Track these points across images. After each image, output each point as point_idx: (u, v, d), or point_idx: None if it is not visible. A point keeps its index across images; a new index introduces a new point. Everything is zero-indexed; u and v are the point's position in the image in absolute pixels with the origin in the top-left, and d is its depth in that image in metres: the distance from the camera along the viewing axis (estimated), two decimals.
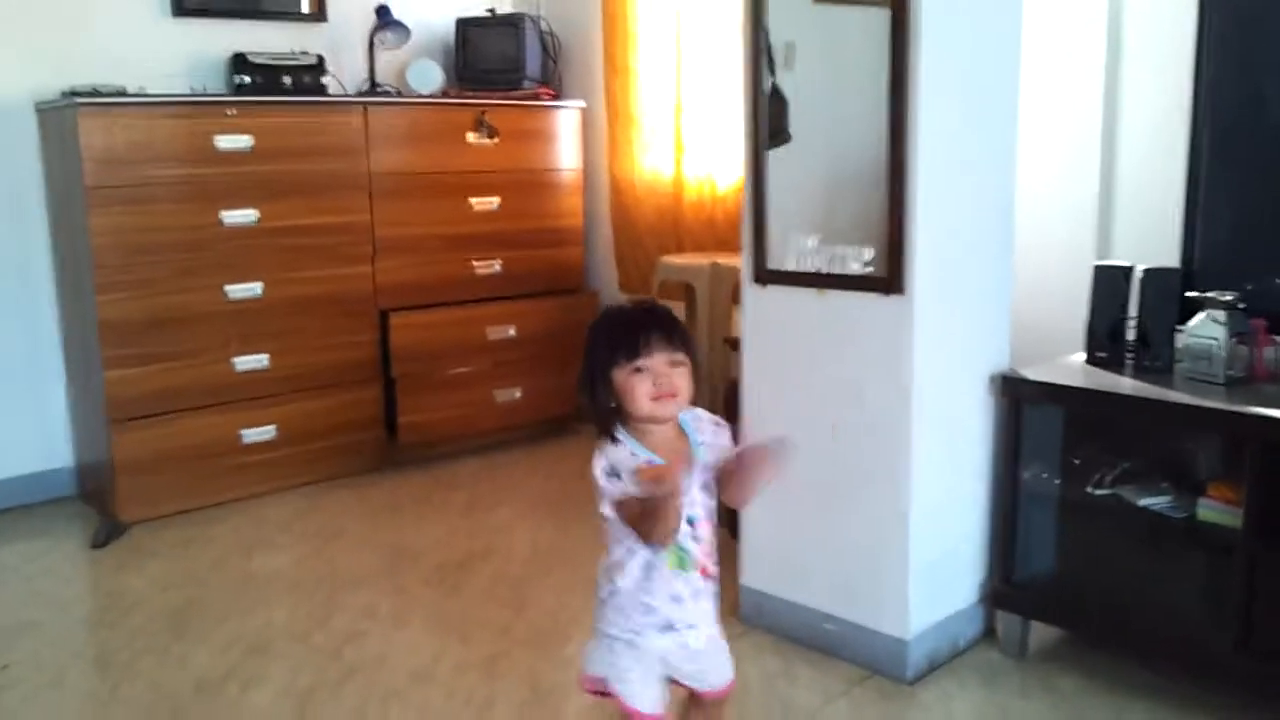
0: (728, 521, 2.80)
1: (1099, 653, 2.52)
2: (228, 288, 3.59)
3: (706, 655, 1.86)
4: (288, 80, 3.80)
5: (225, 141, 3.52)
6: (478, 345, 4.14)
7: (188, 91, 3.71)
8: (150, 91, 3.52)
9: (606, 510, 1.74)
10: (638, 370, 1.70)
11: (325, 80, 3.91)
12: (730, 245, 3.62)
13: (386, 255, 3.92)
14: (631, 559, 1.76)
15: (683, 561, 1.76)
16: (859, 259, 2.37)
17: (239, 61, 3.77)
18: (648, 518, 1.65)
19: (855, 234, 2.38)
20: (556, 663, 2.54)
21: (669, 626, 1.77)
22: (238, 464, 3.67)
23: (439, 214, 4.04)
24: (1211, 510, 2.23)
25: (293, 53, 3.88)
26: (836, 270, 2.41)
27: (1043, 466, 2.51)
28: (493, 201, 4.16)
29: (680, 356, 1.73)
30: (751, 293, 2.61)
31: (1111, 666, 2.46)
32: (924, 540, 2.41)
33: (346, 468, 3.94)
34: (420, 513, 3.61)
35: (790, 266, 2.51)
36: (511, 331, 4.21)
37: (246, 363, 3.66)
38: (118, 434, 3.42)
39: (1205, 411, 2.20)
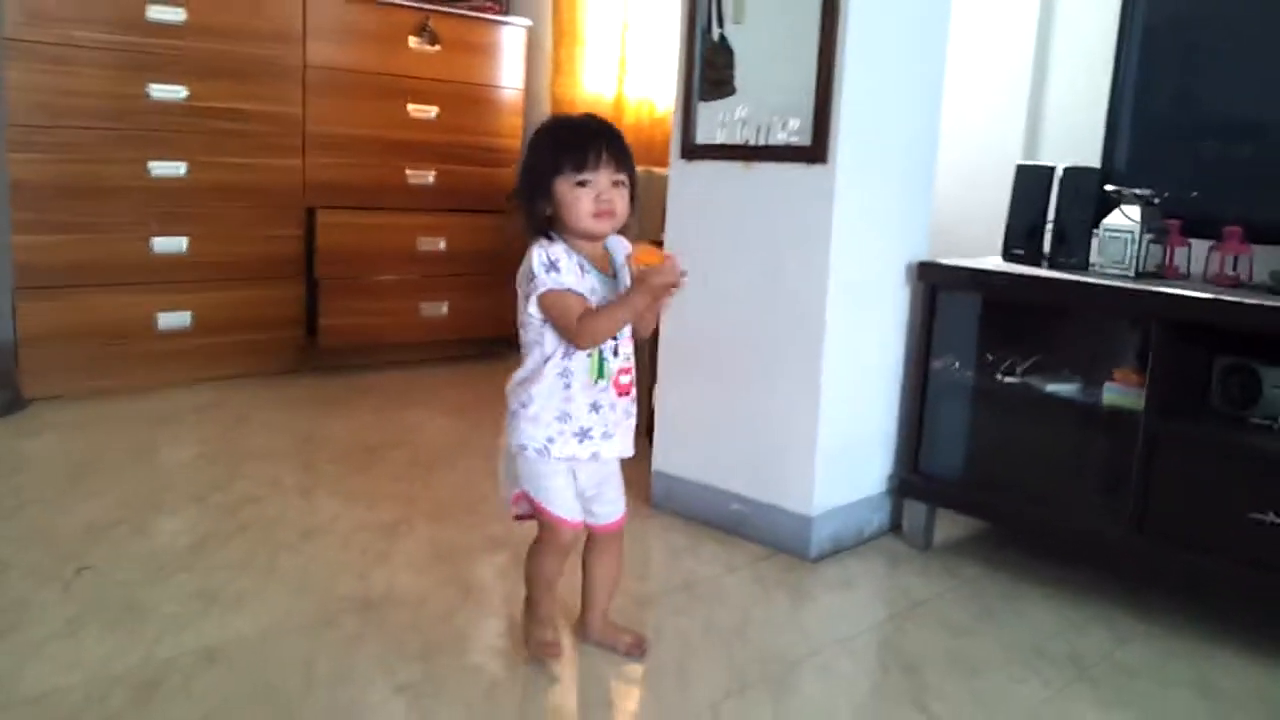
0: (645, 426, 2.80)
1: (1005, 548, 2.55)
2: (151, 164, 3.49)
3: (612, 477, 1.88)
4: None
5: (157, 12, 3.42)
6: (406, 254, 4.08)
7: None
8: None
9: (532, 308, 1.72)
10: (581, 184, 1.71)
11: None
12: (666, 163, 3.60)
13: (317, 151, 3.84)
14: (547, 365, 1.76)
15: (602, 371, 1.79)
16: (785, 128, 2.37)
17: None
18: (638, 302, 1.69)
19: (783, 98, 2.37)
20: (460, 528, 2.50)
21: (584, 434, 1.79)
22: (150, 350, 3.57)
23: (374, 116, 3.97)
24: (1117, 394, 2.26)
25: None
26: (763, 141, 2.41)
27: (955, 356, 2.53)
28: (430, 111, 4.11)
29: (622, 176, 1.74)
30: (678, 167, 2.60)
31: (1015, 559, 2.49)
32: (834, 422, 2.41)
33: (263, 365, 3.85)
34: (333, 410, 3.54)
35: (719, 139, 2.50)
36: (442, 245, 4.16)
37: (165, 244, 3.56)
38: (24, 304, 3.31)
39: (1112, 291, 2.23)
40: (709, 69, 2.51)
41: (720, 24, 2.48)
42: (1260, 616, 2.21)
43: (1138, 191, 2.37)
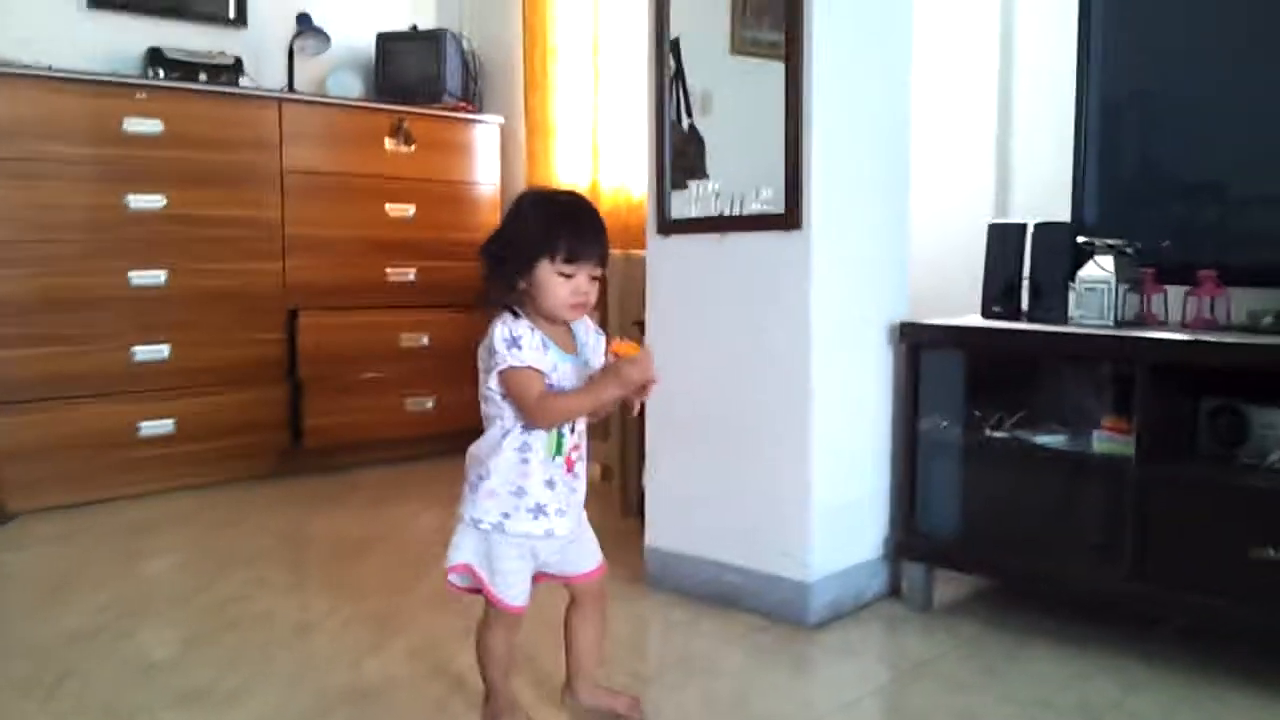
0: (636, 506, 2.78)
1: (1006, 605, 2.52)
2: (131, 273, 3.51)
3: (574, 545, 1.87)
4: (204, 78, 3.78)
5: (134, 125, 3.48)
6: (389, 352, 4.09)
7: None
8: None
9: (493, 383, 1.71)
10: (565, 274, 1.71)
11: (243, 82, 3.91)
12: (644, 246, 3.64)
13: (297, 253, 3.87)
14: (506, 440, 1.75)
15: (559, 447, 1.78)
16: (758, 198, 2.40)
17: (154, 56, 3.76)
18: (606, 394, 1.70)
19: (755, 178, 2.41)
20: (452, 616, 2.45)
21: (539, 510, 1.77)
22: (133, 457, 3.54)
23: (353, 217, 4.02)
24: (1106, 442, 2.26)
25: (210, 53, 3.88)
26: (737, 212, 2.44)
27: (942, 414, 2.53)
28: (408, 209, 4.16)
29: (600, 272, 1.75)
30: (655, 244, 2.63)
31: (1017, 615, 2.46)
32: (826, 487, 2.40)
33: (249, 469, 3.82)
34: (321, 508, 3.50)
35: (693, 214, 2.54)
36: (425, 340, 4.17)
37: (146, 352, 3.56)
38: (5, 418, 3.29)
39: (1094, 339, 2.25)
40: (680, 158, 2.57)
41: (689, 115, 2.54)
42: (1266, 655, 2.18)
43: (1111, 242, 2.40)
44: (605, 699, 1.93)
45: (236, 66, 3.90)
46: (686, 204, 2.55)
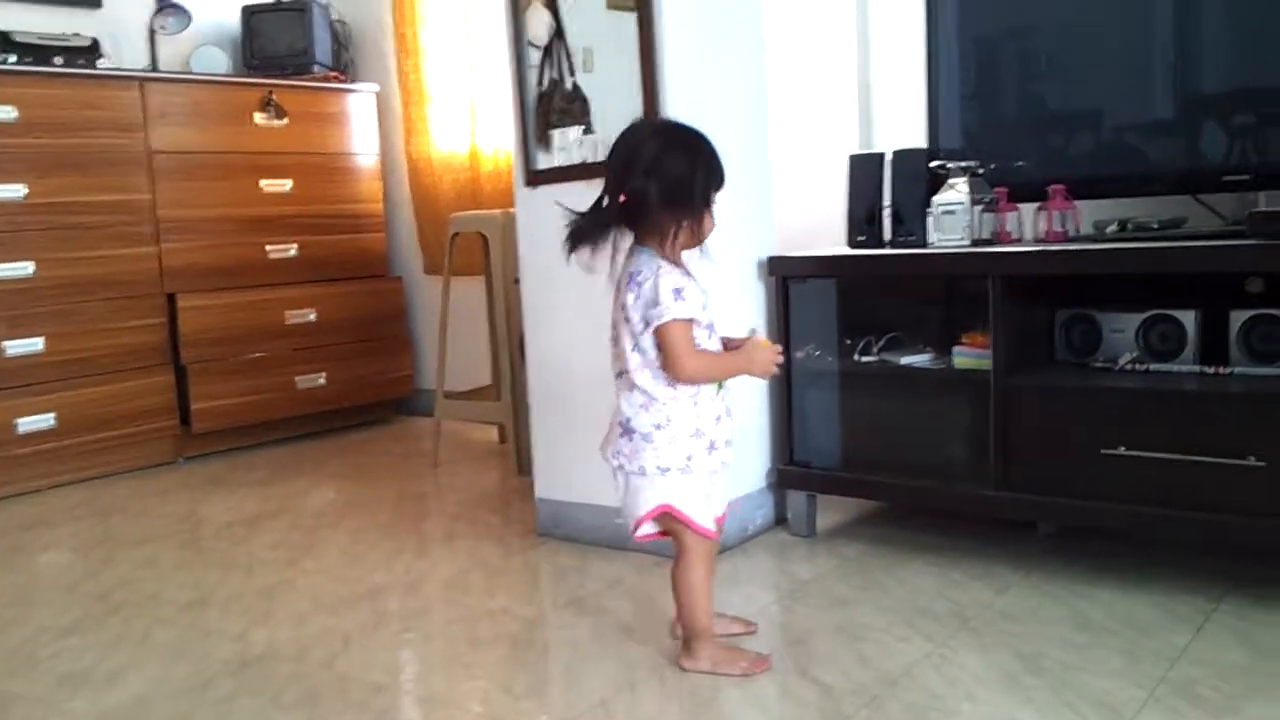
0: (530, 463, 2.79)
1: (886, 525, 2.60)
2: None
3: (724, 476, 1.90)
4: (59, 61, 3.66)
5: None
6: (276, 330, 4.02)
7: None
8: None
9: (673, 314, 1.72)
10: (710, 205, 1.79)
11: (101, 63, 3.79)
12: None
13: (171, 236, 3.78)
14: (678, 385, 1.78)
15: (721, 382, 1.84)
16: None
17: (3, 40, 3.62)
18: (738, 369, 1.83)
19: (620, 123, 2.42)
20: (341, 582, 2.45)
21: (713, 446, 1.82)
22: (12, 456, 3.44)
23: (228, 195, 3.93)
24: (965, 356, 2.33)
25: (64, 35, 3.75)
26: (601, 158, 2.45)
27: (815, 344, 2.58)
28: (285, 184, 4.08)
29: None
30: (523, 197, 2.63)
31: (897, 533, 2.54)
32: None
33: (139, 458, 3.74)
34: (213, 490, 3.44)
35: (558, 163, 2.54)
36: (312, 316, 4.11)
37: (19, 347, 3.45)
38: None
39: (949, 259, 2.31)
40: (565, 116, 2.56)
41: (573, 73, 2.53)
42: (1123, 547, 2.29)
43: (963, 165, 2.47)
44: (723, 624, 1.96)
45: (93, 48, 3.77)
46: (551, 152, 2.55)
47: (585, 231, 1.80)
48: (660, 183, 1.74)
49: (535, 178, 2.59)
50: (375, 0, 4.38)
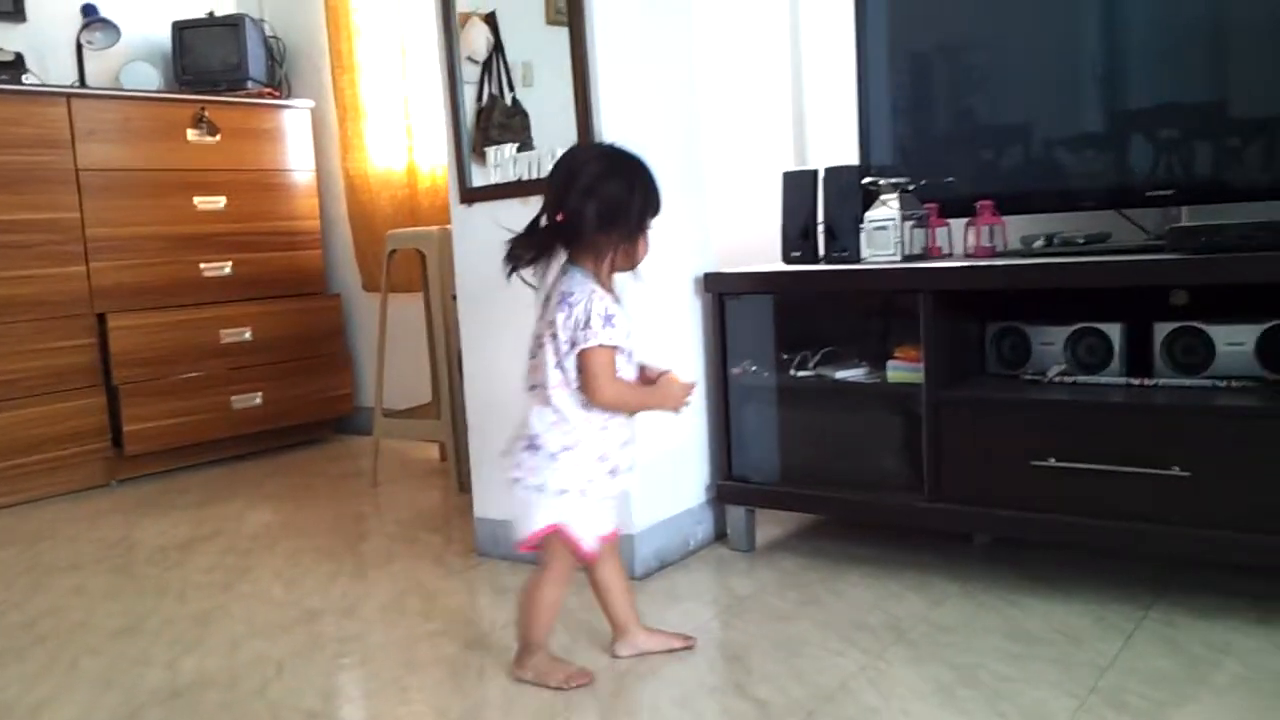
0: (470, 482, 2.77)
1: (825, 538, 2.61)
2: None
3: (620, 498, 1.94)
4: None
5: None
6: (210, 349, 3.96)
7: None
8: None
9: (600, 340, 1.74)
10: (645, 230, 1.81)
11: (26, 79, 3.72)
12: None
13: (101, 255, 3.71)
14: (591, 410, 1.80)
15: None
16: (554, 158, 2.40)
17: None
18: (653, 404, 1.86)
19: (555, 140, 2.42)
20: (274, 606, 2.41)
21: (615, 471, 1.84)
22: None
23: (158, 213, 3.86)
24: (899, 370, 2.36)
25: None
26: (536, 175, 2.45)
27: (752, 359, 2.59)
28: (218, 201, 4.02)
29: None
30: (459, 214, 2.62)
31: (835, 547, 2.55)
32: (646, 439, 2.42)
33: (70, 482, 3.66)
34: (146, 514, 3.37)
35: (495, 180, 2.53)
36: (248, 334, 4.06)
37: None
38: None
39: (883, 274, 2.34)
40: (505, 131, 2.55)
41: (512, 88, 2.52)
42: (1057, 556, 2.32)
43: (894, 181, 2.50)
44: (661, 639, 1.98)
45: (18, 63, 3.70)
46: (487, 169, 2.55)
47: (522, 250, 1.81)
48: (598, 204, 1.75)
49: (470, 195, 2.58)
50: (310, 15, 4.34)
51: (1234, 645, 1.87)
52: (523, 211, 2.47)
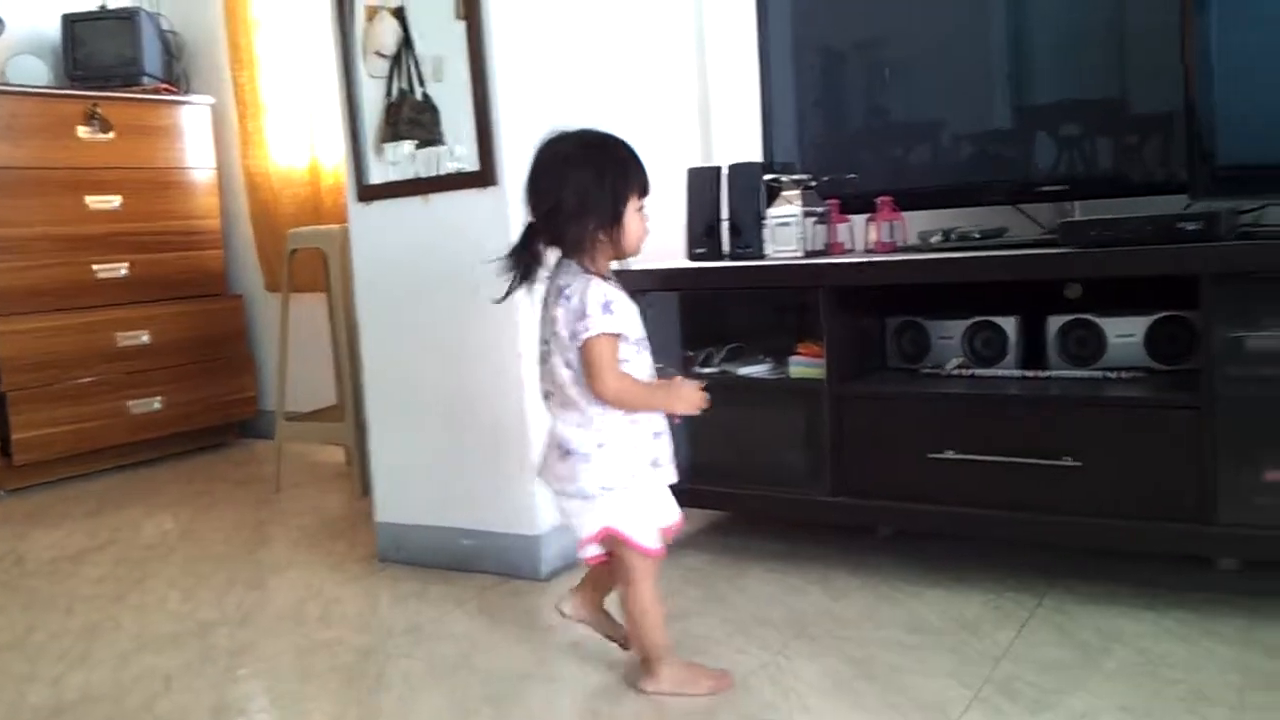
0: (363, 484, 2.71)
1: (731, 535, 2.61)
2: None
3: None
4: None
5: None
6: (106, 353, 3.83)
7: None
8: None
9: (600, 328, 1.66)
10: (641, 208, 1.73)
11: None
12: None
13: None
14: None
15: None
16: (454, 157, 2.38)
17: None
18: (662, 405, 1.77)
19: (454, 136, 2.38)
20: (168, 618, 2.33)
21: (655, 463, 1.77)
22: None
23: (48, 213, 3.72)
24: (801, 366, 2.36)
25: None
26: (434, 173, 2.41)
27: (657, 357, 2.56)
28: (113, 201, 3.89)
29: None
30: (356, 212, 2.57)
31: (741, 543, 2.55)
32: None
33: None
34: (36, 525, 3.25)
35: (392, 177, 2.48)
36: (145, 337, 3.93)
37: None
38: None
39: (784, 270, 2.35)
40: (415, 127, 2.50)
41: (423, 83, 2.47)
42: (956, 547, 2.34)
43: (795, 178, 2.51)
44: (608, 625, 1.93)
45: None
46: (384, 166, 2.49)
47: (512, 257, 1.74)
48: (568, 196, 1.68)
49: (368, 192, 2.52)
50: (208, 9, 4.22)
51: (1123, 631, 1.90)
52: (423, 210, 2.45)
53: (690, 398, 1.77)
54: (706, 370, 2.50)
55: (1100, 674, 1.75)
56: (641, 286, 2.49)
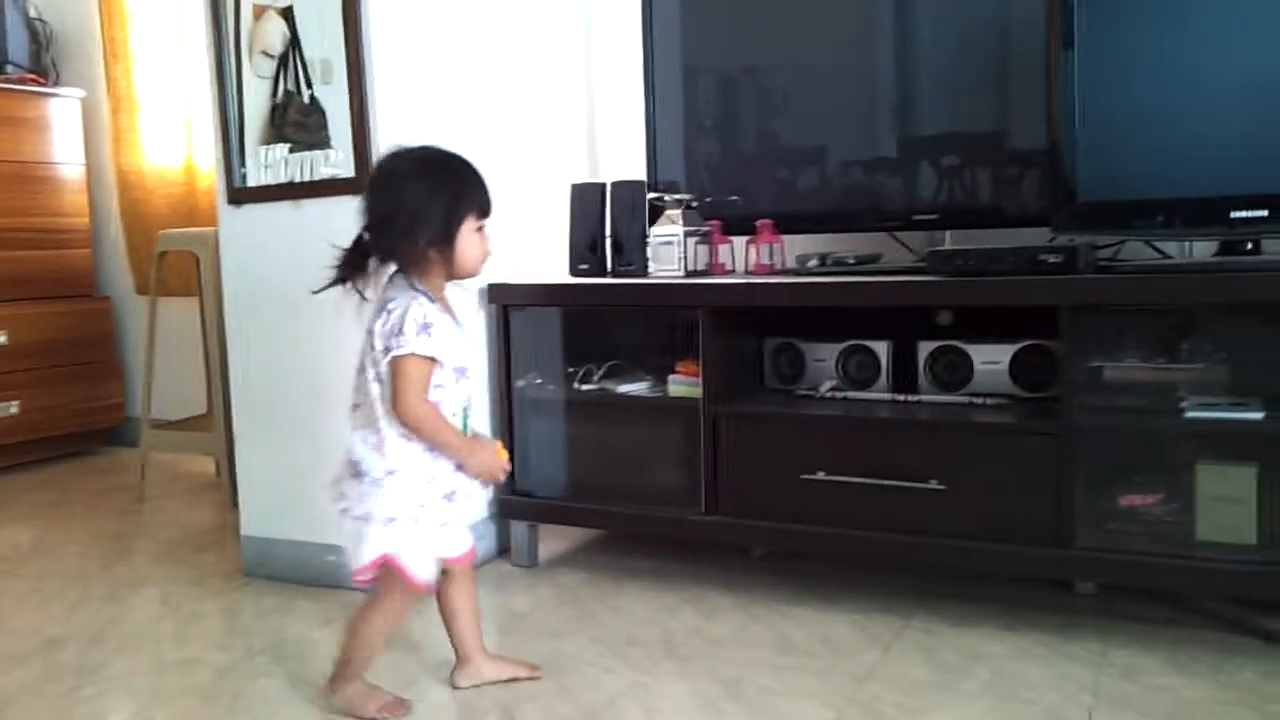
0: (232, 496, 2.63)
1: (607, 553, 2.60)
2: None
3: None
4: None
5: None
6: None
7: None
8: None
9: (413, 348, 1.63)
10: (480, 229, 1.69)
11: None
12: None
13: None
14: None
15: (465, 426, 1.74)
16: (328, 162, 2.32)
17: None
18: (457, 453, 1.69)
19: (332, 141, 2.33)
20: (15, 635, 2.22)
21: (452, 495, 1.70)
22: None
23: None
24: (680, 385, 2.37)
25: None
26: (308, 177, 2.35)
27: (538, 372, 2.56)
28: None
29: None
30: (227, 215, 2.49)
31: (616, 561, 2.55)
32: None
33: None
34: None
35: (265, 180, 2.42)
36: (3, 339, 3.75)
37: None
38: None
39: (664, 289, 2.35)
40: (300, 130, 2.43)
41: (310, 85, 2.40)
42: (828, 567, 2.38)
43: (679, 198, 2.52)
44: (509, 667, 1.89)
45: None
46: (258, 168, 2.42)
47: (343, 265, 1.70)
48: (402, 212, 1.65)
49: (239, 195, 2.45)
50: (78, 1, 4.06)
51: (984, 652, 1.95)
52: (294, 214, 2.39)
53: (488, 462, 1.73)
54: (586, 388, 2.49)
55: (959, 695, 1.78)
56: (523, 300, 2.49)
